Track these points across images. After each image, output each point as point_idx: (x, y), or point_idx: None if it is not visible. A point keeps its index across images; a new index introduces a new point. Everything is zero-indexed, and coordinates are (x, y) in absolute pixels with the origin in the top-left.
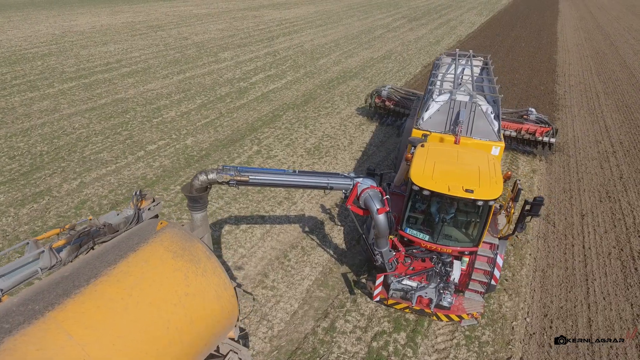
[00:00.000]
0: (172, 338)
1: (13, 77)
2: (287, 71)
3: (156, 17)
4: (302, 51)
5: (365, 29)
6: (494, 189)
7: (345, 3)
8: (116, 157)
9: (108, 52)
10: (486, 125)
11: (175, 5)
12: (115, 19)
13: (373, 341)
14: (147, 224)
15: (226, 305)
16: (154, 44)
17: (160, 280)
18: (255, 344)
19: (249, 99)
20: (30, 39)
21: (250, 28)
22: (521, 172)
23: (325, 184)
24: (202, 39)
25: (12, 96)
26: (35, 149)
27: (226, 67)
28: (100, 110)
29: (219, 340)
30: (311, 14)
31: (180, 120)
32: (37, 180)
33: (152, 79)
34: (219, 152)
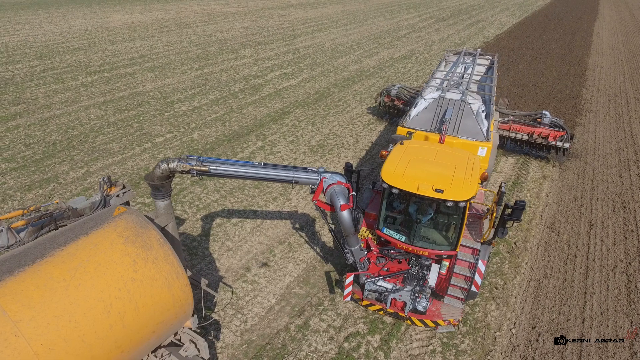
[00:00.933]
0: (113, 322)
1: (42, 69)
2: (303, 69)
3: (185, 14)
4: (322, 50)
5: (389, 29)
6: (465, 190)
7: (374, 3)
8: (124, 148)
9: (134, 47)
10: (474, 125)
11: (206, 4)
12: (146, 16)
13: (345, 342)
14: (108, 210)
15: (178, 294)
16: (178, 40)
17: (107, 264)
18: (226, 336)
19: (261, 95)
20: (63, 34)
21: (275, 26)
22: (531, 177)
23: (290, 177)
24: (226, 36)
25: (37, 87)
26: (50, 137)
27: (244, 64)
28: (116, 102)
29: (172, 329)
30: (338, 14)
31: (190, 114)
32: (46, 168)
33: (171, 74)
34: (223, 147)
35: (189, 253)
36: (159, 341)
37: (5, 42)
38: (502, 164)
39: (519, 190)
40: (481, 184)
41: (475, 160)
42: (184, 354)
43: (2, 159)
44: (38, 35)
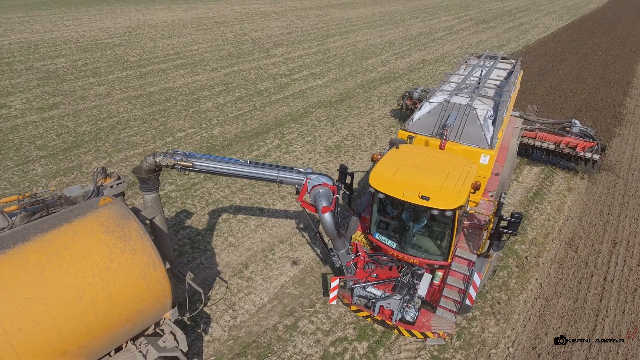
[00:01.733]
0: (85, 307)
1: (83, 63)
2: (332, 69)
3: (225, 13)
4: (354, 50)
5: (425, 31)
6: (453, 199)
7: (413, 4)
8: (146, 141)
9: (171, 44)
10: (478, 131)
11: (246, 3)
12: (187, 15)
13: (331, 346)
14: (95, 200)
15: (154, 285)
16: (214, 38)
17: (83, 252)
18: (214, 330)
19: (286, 94)
20: (108, 31)
21: (310, 26)
22: (554, 189)
23: (275, 177)
24: (260, 35)
25: (76, 80)
26: (80, 128)
27: (274, 63)
28: (146, 97)
29: (150, 319)
30: (375, 14)
31: (214, 111)
32: (72, 157)
33: (202, 71)
34: (240, 144)
35: (191, 246)
36: (136, 329)
37: (55, 37)
38: (525, 174)
39: (539, 202)
40: (473, 193)
41: (472, 169)
42: (162, 345)
43: (35, 146)
44: (85, 31)
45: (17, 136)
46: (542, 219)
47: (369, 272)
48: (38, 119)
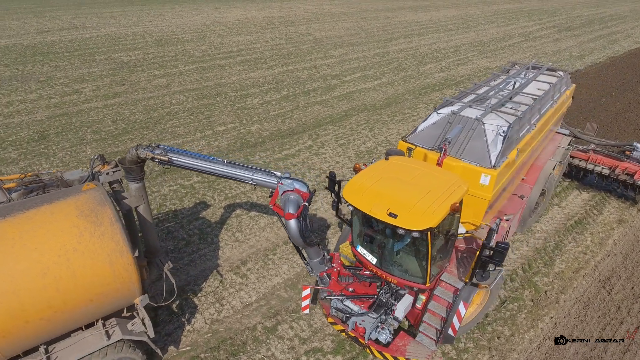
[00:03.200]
0: (47, 283)
1: (153, 57)
2: (386, 73)
3: (295, 13)
4: (414, 55)
5: (498, 37)
6: (422, 219)
7: (493, 8)
8: (187, 133)
9: (236, 42)
10: (482, 148)
11: (319, 3)
12: (260, 14)
13: (304, 355)
14: (80, 185)
15: (119, 271)
16: (277, 37)
17: (55, 232)
18: (197, 322)
19: (332, 96)
20: (184, 27)
21: (376, 28)
22: (602, 219)
23: (249, 178)
24: (323, 35)
25: (142, 72)
26: (134, 116)
27: (328, 64)
28: (199, 91)
29: (117, 302)
30: (447, 18)
31: (258, 108)
32: (119, 143)
33: (257, 69)
34: (273, 142)
35: (199, 237)
36: (102, 310)
37: (137, 31)
38: (571, 199)
39: (578, 232)
40: (452, 215)
41: (459, 189)
42: (130, 328)
43: (91, 130)
44: (164, 26)
45: (79, 120)
46: (578, 251)
47: (345, 285)
48: (101, 105)
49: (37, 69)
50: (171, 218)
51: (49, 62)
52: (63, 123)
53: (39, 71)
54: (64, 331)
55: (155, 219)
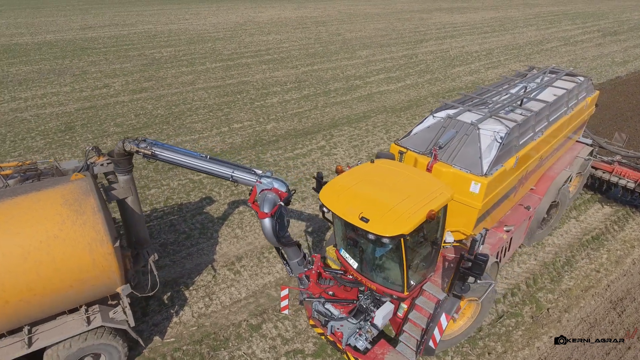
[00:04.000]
0: (28, 267)
1: (184, 54)
2: (411, 75)
3: (329, 13)
4: (443, 57)
5: (536, 40)
6: (394, 225)
7: (534, 11)
8: (204, 129)
9: (265, 41)
10: (475, 154)
11: (354, 4)
12: (294, 13)
13: (284, 356)
14: (70, 175)
15: (99, 260)
16: (307, 37)
17: (38, 218)
18: (185, 314)
19: (352, 96)
20: (217, 25)
21: (408, 30)
22: (622, 236)
23: (228, 175)
24: (353, 36)
25: (171, 69)
26: (156, 111)
27: (354, 65)
28: (222, 88)
29: (98, 290)
30: (484, 20)
31: (277, 106)
32: (138, 136)
33: (282, 68)
34: (286, 141)
35: (200, 232)
36: (83, 297)
37: (172, 29)
38: (591, 213)
39: (594, 248)
40: (429, 222)
41: (441, 196)
42: (112, 315)
43: (114, 123)
44: (199, 24)
45: (105, 113)
46: (590, 268)
47: (324, 287)
48: (127, 99)
49: (75, 64)
50: (176, 211)
51: (86, 57)
52: (89, 115)
53: (75, 65)
54: (45, 314)
55: (161, 211)
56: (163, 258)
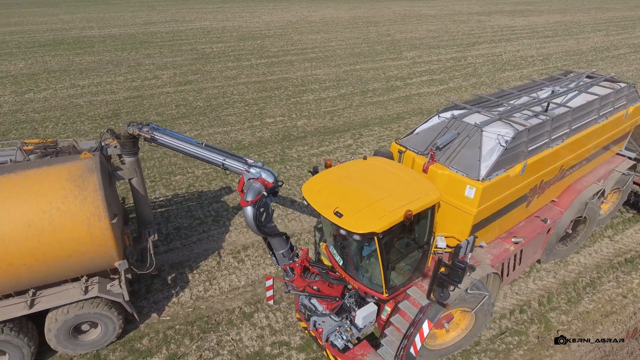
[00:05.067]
0: (30, 235)
1: (233, 50)
2: (455, 78)
3: (382, 14)
4: (494, 61)
5: (602, 46)
6: (367, 223)
7: (607, 15)
8: (236, 122)
9: (313, 39)
10: (474, 157)
11: (410, 6)
12: (347, 13)
13: (270, 346)
14: (80, 154)
15: (96, 234)
16: (355, 36)
17: (44, 191)
18: (184, 295)
19: (390, 97)
20: (270, 23)
21: (461, 32)
22: None
23: (219, 162)
24: (403, 37)
25: (217, 63)
26: (196, 103)
27: (398, 65)
28: (262, 84)
29: (96, 263)
30: (547, 24)
31: (311, 103)
32: (175, 125)
33: (324, 66)
34: (314, 137)
35: (214, 219)
36: (82, 267)
37: (226, 26)
38: (630, 233)
39: (625, 271)
40: (406, 224)
41: (425, 197)
42: (109, 288)
43: (155, 112)
44: (253, 22)
45: (149, 102)
46: (616, 292)
47: (309, 282)
48: (172, 91)
49: (132, 56)
50: (195, 198)
51: (143, 50)
52: (135, 104)
53: (132, 57)
54: (47, 280)
55: (182, 197)
56: (174, 241)
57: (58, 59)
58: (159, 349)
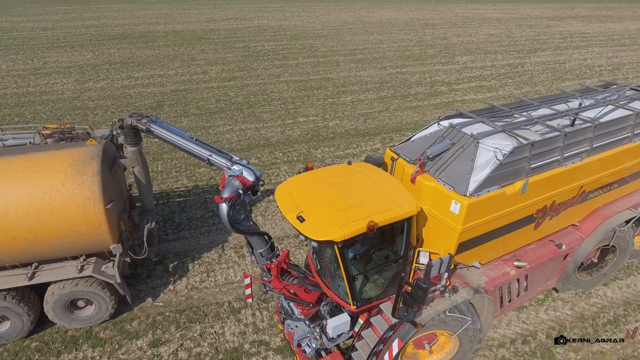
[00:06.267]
0: (31, 212)
1: (282, 48)
2: (506, 86)
3: (443, 16)
4: (555, 69)
5: None
6: (326, 229)
7: None
8: (270, 119)
9: (365, 40)
10: (465, 171)
11: (475, 8)
12: (407, 15)
13: (249, 344)
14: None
15: (91, 217)
16: (409, 39)
17: (46, 173)
18: (180, 284)
19: (431, 102)
20: (325, 23)
21: (524, 37)
22: None
23: (206, 157)
24: (459, 40)
25: (265, 61)
26: (235, 99)
27: (447, 70)
28: (304, 83)
29: (90, 244)
30: (627, 32)
31: (348, 105)
32: (210, 119)
33: (369, 68)
34: (343, 139)
35: None
36: (79, 247)
37: (282, 24)
38: None
39: None
40: (370, 234)
41: (398, 209)
42: (103, 269)
43: (196, 106)
44: (308, 22)
45: (192, 96)
46: None
47: (285, 284)
48: (216, 86)
49: (187, 51)
50: (214, 191)
51: (199, 45)
52: (179, 97)
53: (187, 53)
54: (47, 255)
55: (200, 189)
56: (184, 231)
57: (121, 52)
58: (145, 332)
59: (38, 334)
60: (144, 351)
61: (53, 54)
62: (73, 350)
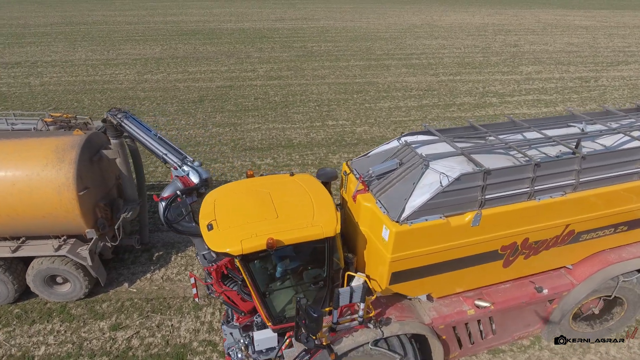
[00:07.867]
0: (13, 192)
1: (337, 50)
2: (570, 101)
3: (522, 22)
4: (636, 86)
5: None
6: (227, 241)
7: None
8: (299, 120)
9: (426, 45)
10: (403, 195)
11: (563, 15)
12: (480, 20)
13: (198, 342)
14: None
15: (65, 202)
16: (475, 45)
17: (31, 157)
18: (159, 275)
19: (475, 114)
20: (390, 26)
21: (610, 47)
22: None
23: (162, 155)
24: (531, 49)
25: (315, 62)
26: (273, 98)
27: (505, 80)
28: (346, 86)
29: (66, 227)
30: None
31: (383, 111)
32: (242, 117)
33: (420, 74)
34: (365, 146)
35: None
36: (56, 228)
37: (346, 26)
38: None
39: None
40: (272, 252)
41: (312, 229)
42: (78, 250)
43: (234, 103)
44: (375, 24)
45: (234, 92)
46: None
47: (224, 289)
48: (260, 84)
49: (246, 49)
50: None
51: (259, 44)
52: (222, 93)
53: (246, 50)
54: (28, 232)
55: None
56: None
57: (186, 47)
58: (111, 315)
59: (22, 302)
60: (103, 332)
61: (128, 47)
62: (45, 322)
